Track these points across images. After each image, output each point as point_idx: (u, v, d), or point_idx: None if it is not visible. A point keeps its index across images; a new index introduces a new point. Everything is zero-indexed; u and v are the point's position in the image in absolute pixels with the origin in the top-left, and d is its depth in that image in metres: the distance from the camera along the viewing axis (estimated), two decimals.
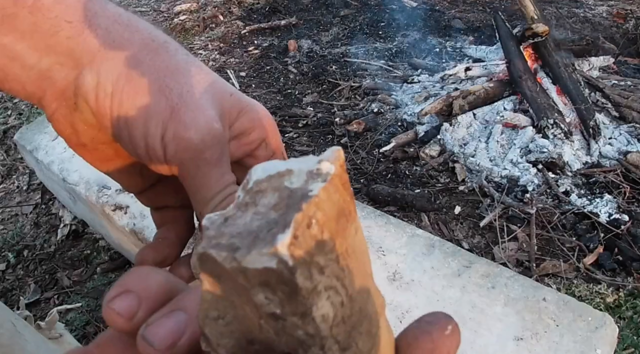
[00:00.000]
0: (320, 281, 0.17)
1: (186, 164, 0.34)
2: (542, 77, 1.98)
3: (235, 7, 3.22)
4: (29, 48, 0.34)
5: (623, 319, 1.30)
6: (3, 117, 2.38)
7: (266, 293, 0.17)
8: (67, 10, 0.34)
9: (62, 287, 1.53)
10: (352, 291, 0.19)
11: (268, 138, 0.40)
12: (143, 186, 0.42)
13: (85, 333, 1.37)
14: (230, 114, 0.37)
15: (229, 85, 0.38)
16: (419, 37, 2.71)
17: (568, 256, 1.47)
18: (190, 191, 0.36)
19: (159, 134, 0.34)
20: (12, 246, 1.69)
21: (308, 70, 2.49)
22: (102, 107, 0.34)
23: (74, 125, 0.37)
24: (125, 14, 0.36)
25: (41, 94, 0.36)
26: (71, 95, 0.35)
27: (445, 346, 0.22)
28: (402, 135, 1.94)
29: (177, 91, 0.35)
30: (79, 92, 0.35)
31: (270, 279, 0.17)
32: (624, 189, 1.64)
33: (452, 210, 1.65)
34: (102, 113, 0.35)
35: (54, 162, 1.39)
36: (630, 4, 2.84)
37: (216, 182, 0.35)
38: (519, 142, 1.81)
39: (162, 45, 0.36)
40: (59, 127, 0.37)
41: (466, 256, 1.01)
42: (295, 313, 0.17)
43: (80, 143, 0.38)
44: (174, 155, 0.34)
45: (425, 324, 0.23)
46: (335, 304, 0.18)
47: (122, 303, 0.23)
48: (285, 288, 0.17)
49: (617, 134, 1.86)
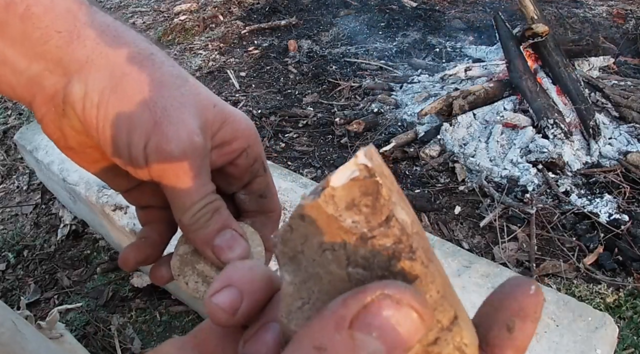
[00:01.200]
0: (393, 190, 0.21)
1: (167, 174, 0.36)
2: (542, 77, 1.98)
3: (235, 7, 3.22)
4: (19, 54, 0.36)
5: (623, 319, 1.30)
6: (3, 117, 2.38)
7: (353, 215, 0.20)
8: (57, 20, 0.36)
9: (62, 287, 1.53)
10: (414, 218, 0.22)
11: (249, 148, 0.41)
12: (128, 186, 0.43)
13: (85, 333, 1.37)
14: (213, 124, 0.39)
15: (214, 97, 0.40)
16: (419, 37, 2.71)
17: (568, 256, 1.47)
18: (170, 199, 0.38)
19: (141, 145, 0.35)
20: (12, 246, 1.69)
21: (308, 70, 2.49)
22: (88, 116, 0.36)
23: (62, 129, 0.38)
24: (113, 25, 0.38)
25: (31, 98, 0.37)
26: (60, 102, 0.37)
27: (532, 304, 0.23)
28: (402, 135, 1.94)
29: (161, 104, 0.36)
30: (67, 100, 0.36)
31: (355, 194, 0.20)
32: (624, 189, 1.64)
33: (452, 210, 1.65)
34: (88, 122, 0.36)
35: (54, 162, 1.39)
36: (630, 4, 2.84)
37: (195, 192, 0.37)
38: (519, 142, 1.81)
39: (149, 58, 0.37)
40: (47, 131, 0.39)
41: (466, 256, 1.01)
42: (380, 223, 0.20)
43: (68, 146, 0.40)
44: (156, 165, 0.36)
45: (509, 287, 0.24)
46: (409, 214, 0.21)
47: (225, 297, 0.23)
48: (368, 198, 0.20)
49: (617, 134, 1.86)
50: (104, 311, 1.44)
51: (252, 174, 0.43)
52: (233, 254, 0.38)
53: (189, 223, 0.38)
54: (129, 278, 1.48)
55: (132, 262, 0.43)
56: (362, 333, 0.19)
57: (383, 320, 0.19)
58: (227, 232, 0.39)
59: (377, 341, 0.19)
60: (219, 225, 0.38)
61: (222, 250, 0.38)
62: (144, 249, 0.44)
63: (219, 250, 0.38)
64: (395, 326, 0.19)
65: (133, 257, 0.43)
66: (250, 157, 0.42)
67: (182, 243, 0.42)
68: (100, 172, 0.42)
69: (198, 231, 0.38)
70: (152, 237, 0.44)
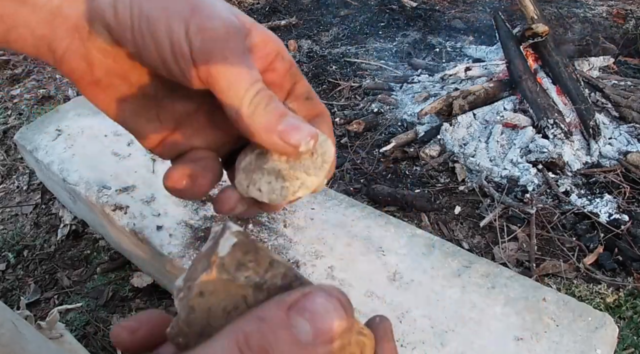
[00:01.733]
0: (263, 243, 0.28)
1: (214, 57, 0.34)
2: (542, 77, 1.98)
3: (235, 7, 3.22)
4: None
5: (623, 319, 1.30)
6: (3, 117, 2.38)
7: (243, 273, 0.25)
8: None
9: (62, 287, 1.53)
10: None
11: (282, 51, 0.40)
12: (161, 132, 0.41)
13: (85, 333, 1.37)
14: (243, 25, 0.37)
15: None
16: (419, 37, 2.71)
17: (568, 256, 1.47)
18: (222, 90, 0.34)
19: (182, 31, 0.34)
20: (12, 246, 1.69)
21: (308, 71, 2.49)
22: (122, 18, 0.34)
23: (88, 57, 0.36)
24: None
25: (51, 35, 0.36)
26: (85, 24, 0.35)
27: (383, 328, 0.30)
28: (402, 135, 1.94)
29: None
30: (95, 14, 0.35)
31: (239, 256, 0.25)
32: (624, 189, 1.64)
33: (452, 210, 1.65)
34: (122, 26, 0.34)
35: (54, 162, 1.39)
36: (630, 4, 2.84)
37: (248, 76, 0.34)
38: (519, 142, 1.81)
39: None
40: (71, 66, 0.37)
41: (466, 256, 1.01)
42: (267, 268, 0.26)
43: (94, 80, 0.37)
44: (200, 49, 0.34)
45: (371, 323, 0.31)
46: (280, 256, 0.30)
47: None
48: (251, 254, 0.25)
49: (617, 134, 1.86)
50: (104, 311, 1.44)
51: (292, 78, 0.41)
52: (302, 134, 0.35)
53: (249, 112, 0.34)
54: (129, 278, 1.49)
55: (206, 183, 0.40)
56: (296, 314, 0.24)
57: (315, 306, 0.24)
58: (289, 117, 0.35)
59: (307, 323, 0.23)
60: (280, 110, 0.35)
61: (288, 132, 0.35)
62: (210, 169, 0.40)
63: (286, 133, 0.35)
64: (323, 314, 0.24)
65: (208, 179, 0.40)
66: (287, 61, 0.40)
67: (241, 159, 0.39)
68: (129, 116, 0.40)
69: (260, 118, 0.34)
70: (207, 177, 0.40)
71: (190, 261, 1.02)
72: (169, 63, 0.35)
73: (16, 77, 2.66)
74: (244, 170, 0.38)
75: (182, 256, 1.04)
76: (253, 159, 0.38)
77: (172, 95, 0.40)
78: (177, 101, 0.40)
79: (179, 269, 1.04)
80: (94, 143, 1.41)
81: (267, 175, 0.37)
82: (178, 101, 0.40)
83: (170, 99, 0.40)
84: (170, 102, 0.40)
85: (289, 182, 0.37)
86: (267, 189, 0.37)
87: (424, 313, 0.90)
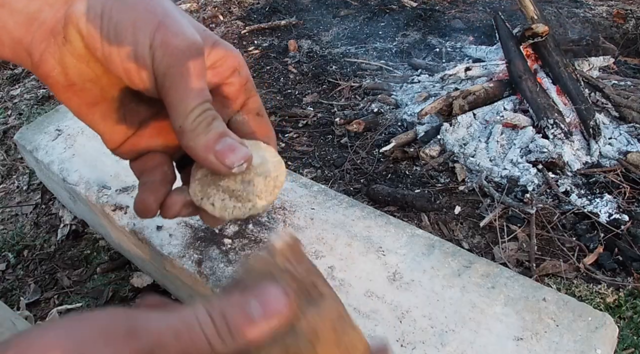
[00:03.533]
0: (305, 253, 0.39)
1: (171, 72, 0.36)
2: (542, 77, 1.98)
3: (235, 7, 3.22)
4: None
5: (623, 319, 1.30)
6: (3, 117, 2.38)
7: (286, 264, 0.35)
8: None
9: (62, 287, 1.53)
10: None
11: (240, 67, 0.43)
12: (126, 133, 0.43)
13: None
14: (206, 42, 0.39)
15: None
16: (419, 37, 2.71)
17: (568, 256, 1.47)
18: (171, 104, 0.37)
19: (147, 43, 0.35)
20: (12, 246, 1.69)
21: (308, 70, 2.49)
22: (92, 27, 0.36)
23: (62, 61, 0.38)
24: None
25: (29, 37, 0.37)
26: (60, 29, 0.37)
27: None
28: (402, 135, 1.94)
29: (162, 9, 0.37)
30: (70, 21, 0.36)
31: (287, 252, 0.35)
32: (624, 189, 1.64)
33: (452, 210, 1.65)
34: (92, 34, 0.36)
35: (54, 162, 1.39)
36: (630, 4, 2.84)
37: (197, 95, 0.37)
38: (519, 142, 1.81)
39: None
40: (46, 69, 0.38)
41: (466, 256, 1.01)
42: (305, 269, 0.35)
43: (68, 84, 0.39)
44: (161, 61, 0.36)
45: None
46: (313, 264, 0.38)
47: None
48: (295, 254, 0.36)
49: (617, 134, 1.86)
50: None
51: (247, 93, 0.44)
52: (236, 156, 0.37)
53: (191, 128, 0.37)
54: (129, 278, 1.48)
55: (154, 204, 0.42)
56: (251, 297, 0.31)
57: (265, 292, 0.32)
58: (227, 139, 0.38)
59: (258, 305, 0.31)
60: (220, 130, 0.38)
61: (224, 154, 0.37)
62: (159, 188, 0.43)
63: (222, 154, 0.37)
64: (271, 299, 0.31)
65: (153, 199, 0.42)
66: (243, 76, 0.43)
67: (197, 169, 0.41)
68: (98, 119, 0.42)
69: (200, 137, 0.37)
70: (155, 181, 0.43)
71: (190, 261, 1.03)
72: (131, 71, 0.37)
73: (16, 77, 2.67)
74: (199, 182, 0.40)
75: (182, 256, 1.04)
76: (209, 173, 0.40)
77: (137, 99, 0.42)
78: (141, 104, 0.43)
79: (179, 269, 1.05)
80: (94, 143, 1.41)
81: (222, 193, 0.40)
82: (142, 105, 0.43)
83: (135, 102, 0.42)
84: (135, 106, 0.42)
85: (242, 204, 0.39)
86: (220, 205, 0.40)
87: (424, 313, 0.90)
